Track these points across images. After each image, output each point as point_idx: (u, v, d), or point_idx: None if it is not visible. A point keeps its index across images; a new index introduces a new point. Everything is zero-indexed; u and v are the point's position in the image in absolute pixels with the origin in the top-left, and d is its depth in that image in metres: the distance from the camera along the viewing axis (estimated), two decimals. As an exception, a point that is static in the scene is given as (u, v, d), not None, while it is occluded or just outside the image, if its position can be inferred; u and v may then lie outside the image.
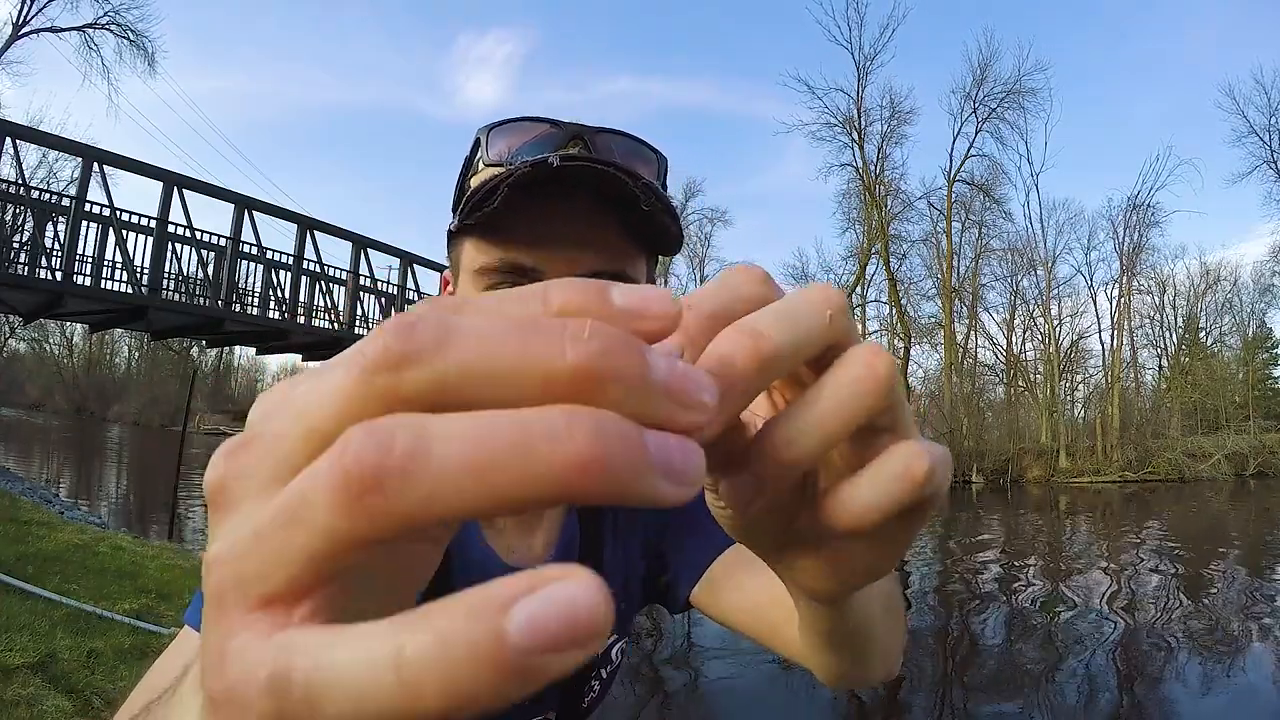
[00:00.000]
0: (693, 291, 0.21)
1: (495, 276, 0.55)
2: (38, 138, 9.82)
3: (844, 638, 0.45)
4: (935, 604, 7.15)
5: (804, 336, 0.20)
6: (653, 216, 0.53)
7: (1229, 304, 30.72)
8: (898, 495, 0.21)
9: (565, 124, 0.59)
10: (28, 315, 9.82)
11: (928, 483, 0.21)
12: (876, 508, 0.21)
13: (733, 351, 0.19)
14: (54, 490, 11.28)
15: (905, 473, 0.21)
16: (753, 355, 0.19)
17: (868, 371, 0.21)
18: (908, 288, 28.12)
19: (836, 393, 0.21)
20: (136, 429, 38.79)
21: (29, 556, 4.69)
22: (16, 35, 19.32)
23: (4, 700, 2.67)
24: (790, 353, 0.20)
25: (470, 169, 0.62)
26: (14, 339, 40.86)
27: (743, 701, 4.45)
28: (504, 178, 0.50)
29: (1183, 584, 8.08)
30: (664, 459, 0.14)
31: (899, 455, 0.22)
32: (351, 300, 11.75)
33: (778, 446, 0.21)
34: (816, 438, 0.21)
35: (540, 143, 0.58)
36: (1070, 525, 14.13)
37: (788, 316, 0.20)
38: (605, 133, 0.60)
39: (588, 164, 0.51)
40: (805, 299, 0.21)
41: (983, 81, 27.62)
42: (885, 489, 0.21)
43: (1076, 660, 5.25)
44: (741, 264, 0.23)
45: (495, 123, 0.61)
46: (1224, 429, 26.63)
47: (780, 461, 0.21)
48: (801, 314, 0.21)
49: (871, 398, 0.21)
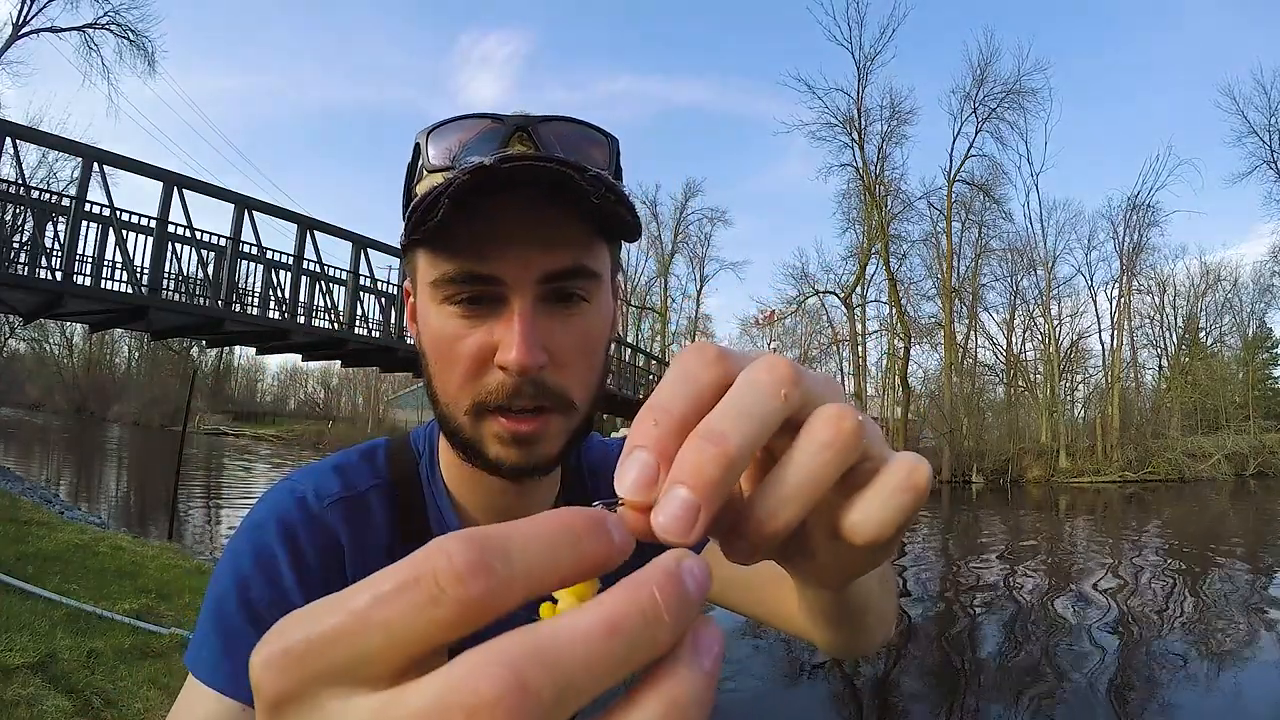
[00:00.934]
0: (655, 391, 0.23)
1: (451, 288, 0.53)
2: (38, 138, 9.81)
3: (845, 615, 0.48)
4: (935, 604, 7.15)
5: (764, 424, 0.22)
6: (604, 207, 0.51)
7: (1229, 304, 30.77)
8: (907, 505, 0.24)
9: (508, 117, 0.56)
10: (28, 315, 9.81)
11: (928, 487, 0.24)
12: (890, 522, 0.24)
13: (700, 461, 0.21)
14: (54, 490, 11.28)
15: (909, 484, 0.24)
16: (720, 460, 0.21)
17: (835, 435, 0.23)
18: (908, 288, 28.17)
19: (810, 460, 0.23)
20: (136, 429, 38.79)
21: (29, 556, 4.69)
22: (16, 35, 19.30)
23: (4, 700, 2.67)
24: (753, 443, 0.22)
25: (414, 176, 0.59)
26: (14, 339, 40.84)
27: (742, 702, 4.45)
28: (444, 188, 0.48)
29: (1183, 584, 8.08)
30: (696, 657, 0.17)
31: (899, 470, 0.24)
32: (351, 300, 11.74)
33: (763, 521, 0.23)
34: (797, 504, 0.23)
35: (482, 140, 0.55)
36: (1070, 525, 14.13)
37: (744, 412, 0.22)
38: (550, 121, 0.57)
39: (529, 163, 0.49)
40: (757, 385, 0.23)
41: (982, 81, 27.68)
42: (896, 502, 0.24)
43: (1077, 661, 5.25)
44: (693, 346, 0.24)
45: (434, 125, 0.58)
46: (1224, 429, 26.64)
47: (766, 533, 0.23)
48: (756, 403, 0.22)
49: (843, 456, 0.23)
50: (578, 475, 0.70)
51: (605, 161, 0.59)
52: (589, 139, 0.59)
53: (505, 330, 0.52)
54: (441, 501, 0.65)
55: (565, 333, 0.55)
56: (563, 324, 0.54)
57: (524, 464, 0.55)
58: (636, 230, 0.57)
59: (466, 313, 0.53)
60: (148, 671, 3.18)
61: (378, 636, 0.16)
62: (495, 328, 0.53)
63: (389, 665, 0.16)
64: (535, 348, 0.52)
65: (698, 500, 0.20)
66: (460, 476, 0.65)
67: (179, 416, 20.38)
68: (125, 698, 2.92)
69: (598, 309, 0.57)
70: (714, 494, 0.21)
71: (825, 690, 4.68)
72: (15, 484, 9.72)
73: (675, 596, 0.17)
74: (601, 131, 0.60)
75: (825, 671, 4.88)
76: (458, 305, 0.53)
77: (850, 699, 4.58)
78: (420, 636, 0.16)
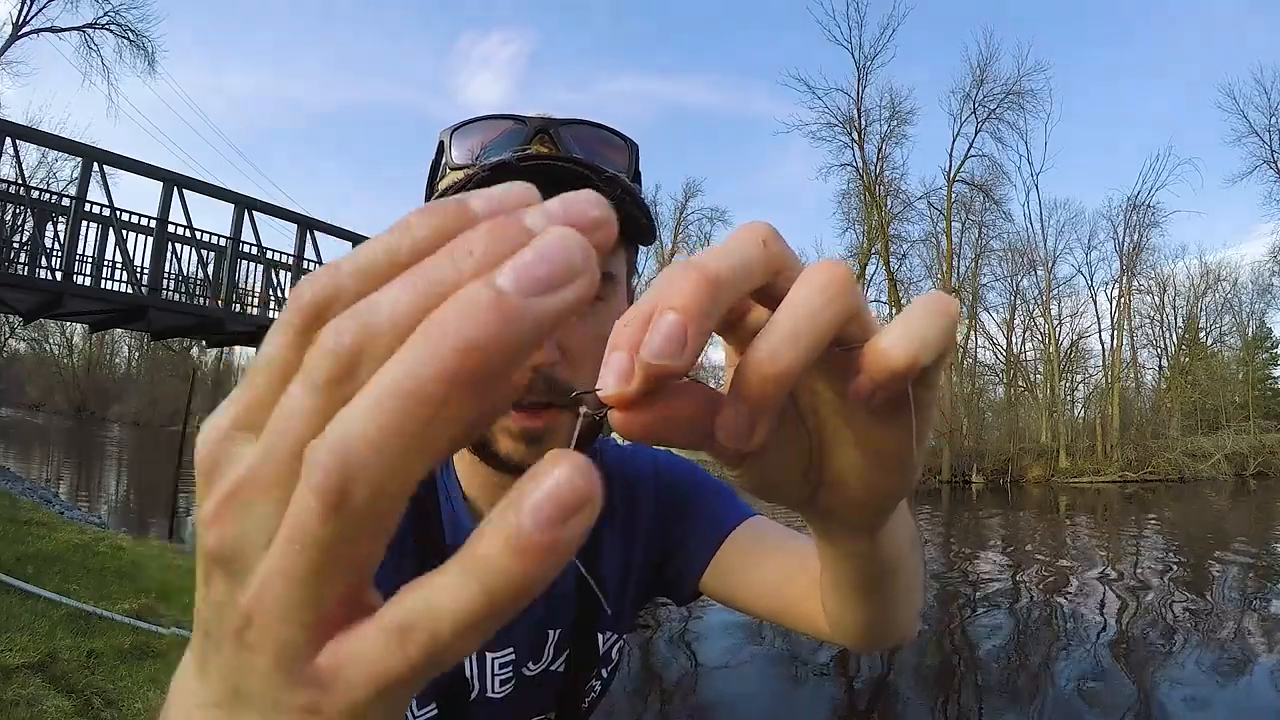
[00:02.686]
0: (701, 252, 0.22)
1: None
2: (38, 138, 9.82)
3: (877, 580, 0.43)
4: (935, 604, 7.15)
5: (745, 263, 0.21)
6: (621, 210, 0.52)
7: (1229, 304, 30.75)
8: (942, 327, 0.22)
9: (530, 118, 0.57)
10: (28, 315, 9.81)
11: (957, 320, 0.22)
12: (928, 341, 0.22)
13: (683, 286, 0.20)
14: (54, 490, 11.27)
15: (940, 308, 0.22)
16: (702, 283, 0.20)
17: (830, 279, 0.22)
18: (908, 288, 28.12)
19: (807, 299, 0.21)
20: (136, 429, 38.79)
21: (29, 556, 4.68)
22: (16, 35, 19.31)
23: (4, 700, 2.67)
24: (734, 276, 0.21)
25: (437, 173, 0.61)
26: (14, 339, 40.86)
27: (742, 703, 4.45)
28: (464, 184, 0.50)
29: (1183, 584, 8.07)
30: (529, 283, 0.15)
31: (926, 299, 0.23)
32: (351, 300, 11.76)
33: (761, 361, 0.21)
34: (799, 345, 0.21)
35: (505, 140, 0.57)
36: (1070, 525, 14.13)
37: (726, 253, 0.21)
38: (572, 124, 0.58)
39: (549, 161, 0.50)
40: (736, 235, 0.22)
41: (982, 82, 27.65)
42: (929, 321, 0.22)
43: (1077, 661, 5.25)
44: (750, 223, 0.23)
45: (458, 124, 0.60)
46: (1224, 429, 26.64)
47: (766, 376, 0.21)
48: (736, 248, 0.22)
49: (842, 298, 0.21)
50: None
51: (624, 165, 0.60)
52: (608, 142, 0.60)
53: None
54: (455, 500, 0.66)
55: (579, 331, 0.55)
56: (577, 322, 0.55)
57: (533, 461, 0.55)
58: (651, 234, 0.59)
59: None
60: (148, 672, 3.18)
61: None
62: None
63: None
64: (549, 343, 0.52)
65: (684, 320, 0.19)
66: (472, 475, 0.65)
67: (179, 416, 20.36)
68: (125, 698, 2.92)
69: (611, 310, 0.58)
70: (701, 315, 0.20)
71: (825, 690, 4.67)
72: (15, 484, 9.71)
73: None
74: (621, 136, 0.61)
75: (826, 672, 4.88)
76: None
77: (850, 699, 4.58)
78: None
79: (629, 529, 0.74)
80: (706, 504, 0.74)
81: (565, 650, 0.69)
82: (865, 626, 0.52)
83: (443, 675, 0.62)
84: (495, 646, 0.65)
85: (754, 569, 0.68)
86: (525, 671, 0.67)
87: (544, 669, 0.68)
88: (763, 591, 0.67)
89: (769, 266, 0.22)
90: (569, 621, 0.69)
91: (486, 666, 0.65)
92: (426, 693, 0.62)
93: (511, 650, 0.66)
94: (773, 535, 0.70)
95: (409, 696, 0.18)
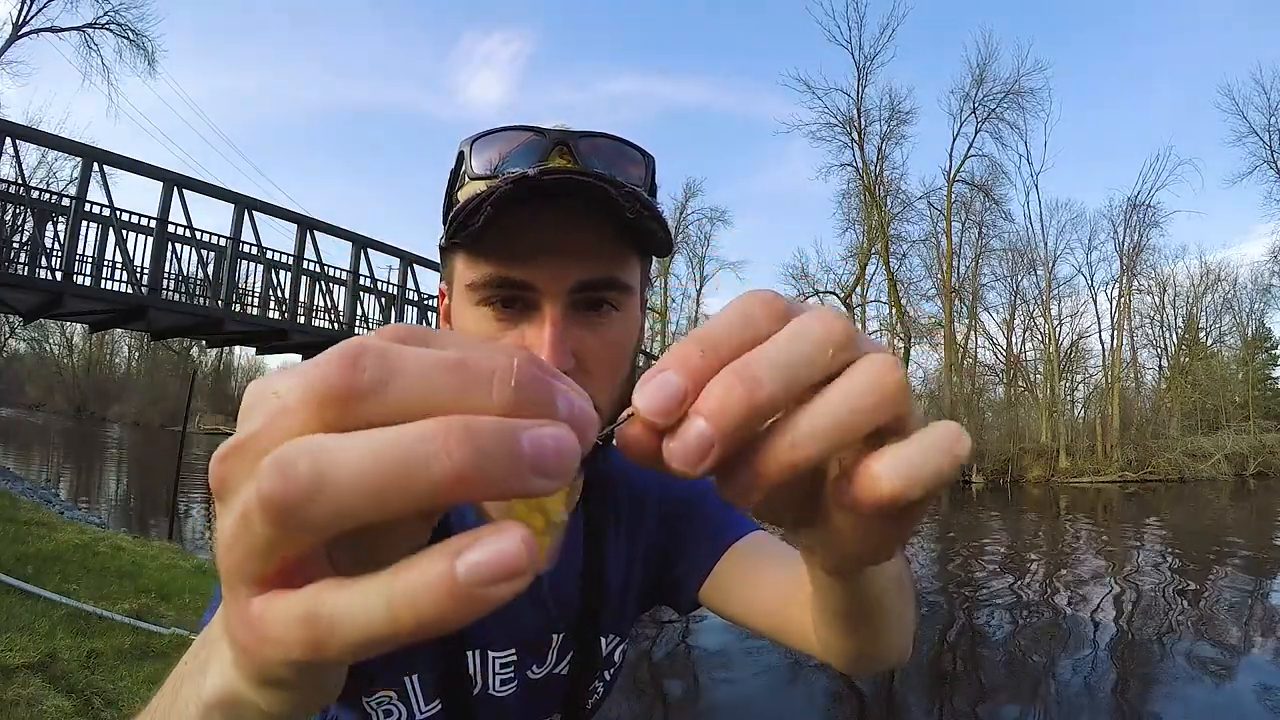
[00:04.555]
0: (706, 324, 0.22)
1: (486, 291, 0.56)
2: (38, 138, 9.81)
3: (860, 615, 0.45)
4: (935, 604, 7.15)
5: (802, 377, 0.21)
6: (638, 222, 0.53)
7: (1229, 304, 30.75)
8: (943, 468, 0.22)
9: (549, 131, 0.58)
10: (28, 315, 9.80)
11: (965, 460, 0.22)
12: (920, 480, 0.21)
13: (727, 400, 0.20)
14: (54, 490, 11.28)
15: (950, 447, 0.22)
16: (747, 403, 0.20)
17: (879, 383, 0.21)
18: (908, 288, 28.17)
19: (847, 400, 0.21)
20: (136, 429, 38.78)
21: (29, 556, 4.68)
22: (16, 35, 19.31)
23: (4, 700, 2.67)
24: (786, 396, 0.21)
25: (456, 182, 0.62)
26: (14, 339, 40.85)
27: (743, 704, 4.45)
28: (486, 195, 0.51)
29: (1183, 584, 8.08)
30: (539, 459, 0.17)
31: (942, 431, 0.22)
32: (351, 300, 11.75)
33: (782, 448, 0.21)
34: (822, 444, 0.21)
35: (524, 152, 0.58)
36: (1070, 525, 14.13)
37: (785, 363, 0.21)
38: (590, 136, 0.59)
39: (569, 175, 0.51)
40: (807, 336, 0.22)
41: (982, 81, 27.69)
42: (932, 460, 0.21)
43: (1077, 661, 5.25)
44: (759, 291, 0.23)
45: (478, 134, 0.60)
46: (1224, 429, 26.64)
47: (782, 462, 0.21)
48: (800, 355, 0.21)
49: (883, 406, 0.21)
50: (601, 485, 0.71)
51: (641, 178, 0.61)
52: (626, 156, 0.61)
53: (536, 334, 0.55)
54: None
55: (594, 340, 0.57)
56: (592, 331, 0.56)
57: None
58: (668, 246, 0.59)
59: (500, 315, 0.56)
60: (148, 672, 3.18)
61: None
62: (527, 331, 0.55)
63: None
64: (564, 352, 0.54)
65: (714, 436, 0.20)
66: None
67: (179, 416, 20.38)
68: (125, 698, 2.92)
69: (626, 320, 0.59)
70: (732, 435, 0.20)
71: (825, 690, 4.67)
72: (15, 484, 9.72)
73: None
74: (639, 150, 0.62)
75: (826, 672, 4.88)
76: (492, 307, 0.56)
77: (850, 699, 4.58)
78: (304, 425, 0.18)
79: (633, 535, 0.74)
80: (710, 516, 0.74)
81: (569, 653, 0.69)
82: (852, 653, 0.53)
83: (446, 673, 0.62)
84: (498, 646, 0.65)
85: (752, 584, 0.68)
86: (531, 675, 0.67)
87: (549, 672, 0.68)
88: (759, 608, 0.67)
89: (826, 375, 0.22)
90: (572, 624, 0.69)
91: (489, 664, 0.65)
92: (430, 689, 0.62)
93: (514, 651, 0.66)
94: (773, 552, 0.70)
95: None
